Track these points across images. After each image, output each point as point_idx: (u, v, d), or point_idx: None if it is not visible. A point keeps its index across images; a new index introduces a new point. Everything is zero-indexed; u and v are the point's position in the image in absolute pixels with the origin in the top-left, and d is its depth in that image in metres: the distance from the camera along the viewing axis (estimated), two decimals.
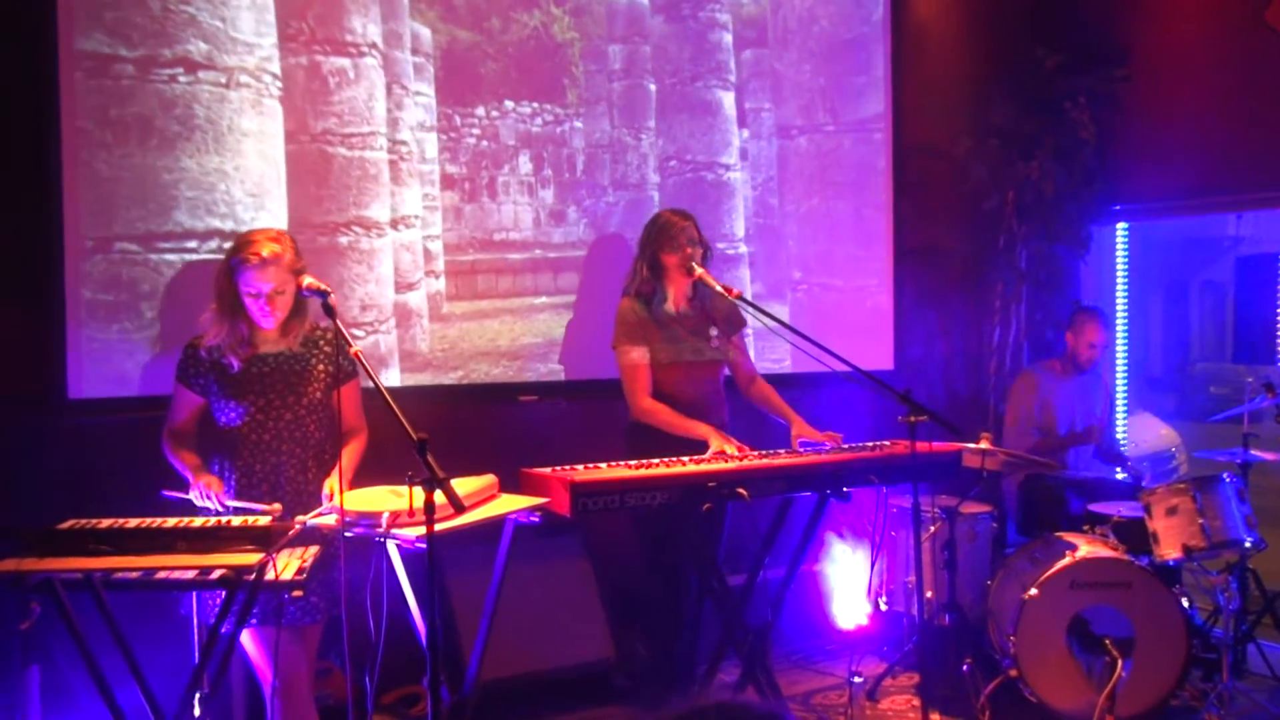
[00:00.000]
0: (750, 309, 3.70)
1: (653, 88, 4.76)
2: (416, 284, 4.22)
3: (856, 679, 3.88)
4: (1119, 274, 5.99)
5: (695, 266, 3.75)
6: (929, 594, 4.41)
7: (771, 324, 3.65)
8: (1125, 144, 5.60)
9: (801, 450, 3.72)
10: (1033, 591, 3.93)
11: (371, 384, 2.75)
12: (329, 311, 2.92)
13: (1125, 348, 6.00)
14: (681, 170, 4.81)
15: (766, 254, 5.08)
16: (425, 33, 4.24)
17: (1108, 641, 3.85)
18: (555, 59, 4.56)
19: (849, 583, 4.90)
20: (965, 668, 4.08)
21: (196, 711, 2.83)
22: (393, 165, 4.14)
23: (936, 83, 5.57)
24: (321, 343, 3.19)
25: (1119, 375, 5.96)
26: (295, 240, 3.13)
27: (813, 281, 5.19)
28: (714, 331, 3.89)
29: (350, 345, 2.85)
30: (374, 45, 4.06)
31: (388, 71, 4.13)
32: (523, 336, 4.46)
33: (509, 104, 4.44)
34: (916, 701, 4.23)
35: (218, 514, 2.91)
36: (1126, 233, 5.96)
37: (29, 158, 3.54)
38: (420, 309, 4.24)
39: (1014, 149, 5.55)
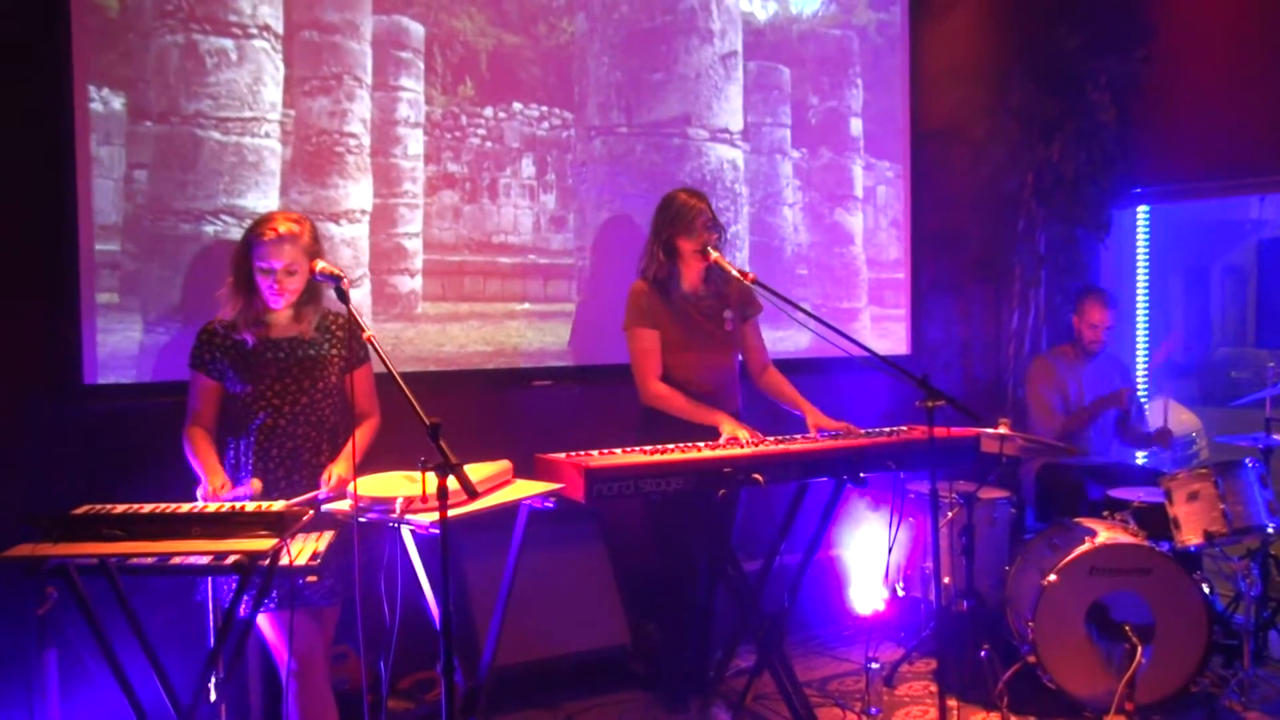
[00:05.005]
0: (766, 293, 3.67)
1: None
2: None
3: (873, 665, 3.87)
4: (1140, 258, 5.94)
5: (711, 250, 3.72)
6: (947, 580, 4.39)
7: (787, 308, 3.62)
8: (1147, 126, 5.54)
9: (820, 438, 3.69)
10: (1052, 577, 3.90)
11: (385, 369, 2.74)
12: (342, 296, 2.92)
13: (1146, 332, 5.95)
14: None
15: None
16: (416, 28, 4.16)
17: (1127, 628, 3.82)
18: (570, 64, 4.51)
19: (866, 568, 4.88)
20: (983, 654, 4.06)
21: (212, 696, 2.84)
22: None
23: (955, 64, 5.51)
24: (334, 328, 3.21)
25: (1139, 360, 5.90)
26: (315, 226, 3.14)
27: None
28: (728, 315, 3.86)
29: (364, 330, 2.84)
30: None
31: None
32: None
33: (517, 106, 4.38)
34: (934, 688, 4.21)
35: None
36: (1148, 215, 5.90)
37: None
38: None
39: (1033, 131, 5.50)
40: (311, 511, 2.77)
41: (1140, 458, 5.46)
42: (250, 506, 2.70)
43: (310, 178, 3.99)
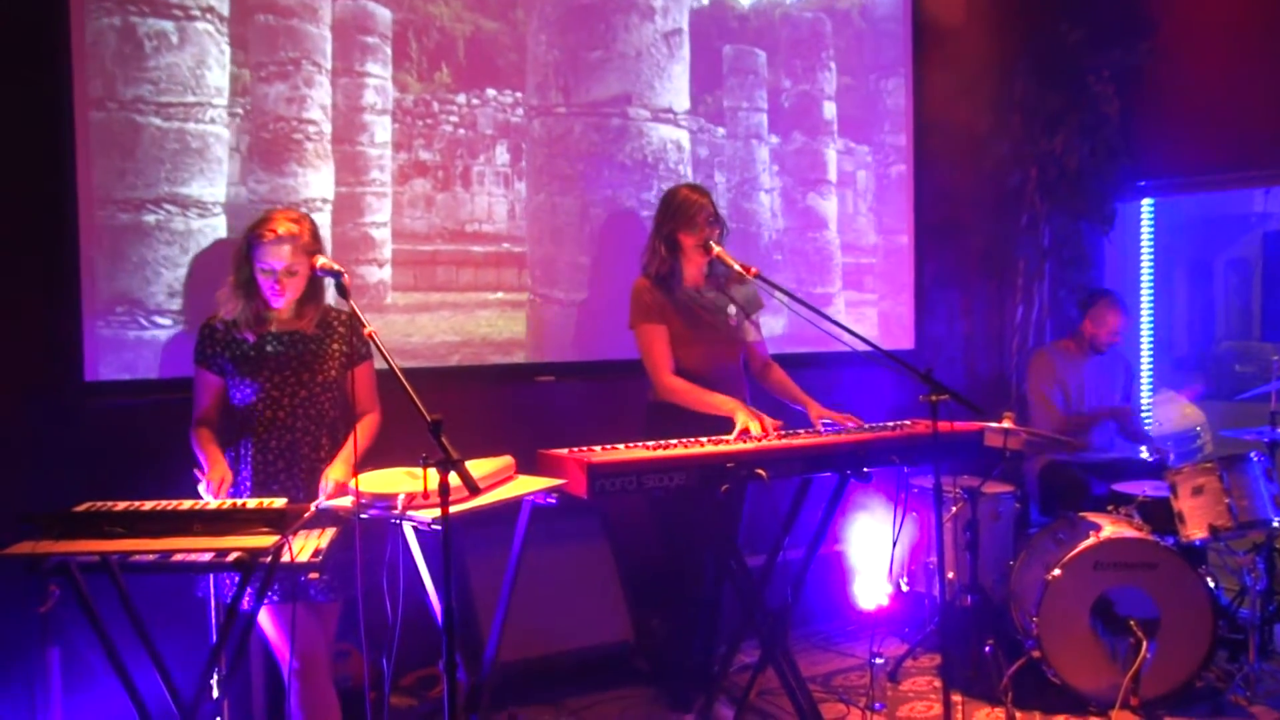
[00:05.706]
0: (769, 288, 3.65)
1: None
2: None
3: (878, 660, 3.86)
4: (1144, 251, 5.92)
5: (713, 245, 3.70)
6: (951, 575, 4.38)
7: (791, 303, 3.60)
8: (1151, 119, 5.52)
9: (824, 430, 3.68)
10: (1056, 572, 3.89)
11: (386, 365, 2.73)
12: (342, 292, 2.91)
13: (1150, 326, 5.93)
14: None
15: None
16: (383, 13, 4.08)
17: (1132, 623, 3.81)
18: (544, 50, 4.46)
19: (870, 563, 4.87)
20: (987, 649, 4.05)
21: (215, 693, 2.83)
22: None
23: (958, 58, 5.48)
24: (335, 324, 3.20)
25: (1144, 354, 5.89)
26: (315, 224, 3.13)
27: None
28: (732, 310, 3.85)
29: (365, 326, 2.84)
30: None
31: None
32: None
33: (490, 92, 4.31)
34: (938, 683, 4.20)
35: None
36: (1152, 209, 5.87)
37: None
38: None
39: (1037, 125, 5.48)
40: (313, 508, 2.77)
41: (1144, 453, 5.44)
42: (252, 503, 2.70)
43: (268, 166, 3.89)
